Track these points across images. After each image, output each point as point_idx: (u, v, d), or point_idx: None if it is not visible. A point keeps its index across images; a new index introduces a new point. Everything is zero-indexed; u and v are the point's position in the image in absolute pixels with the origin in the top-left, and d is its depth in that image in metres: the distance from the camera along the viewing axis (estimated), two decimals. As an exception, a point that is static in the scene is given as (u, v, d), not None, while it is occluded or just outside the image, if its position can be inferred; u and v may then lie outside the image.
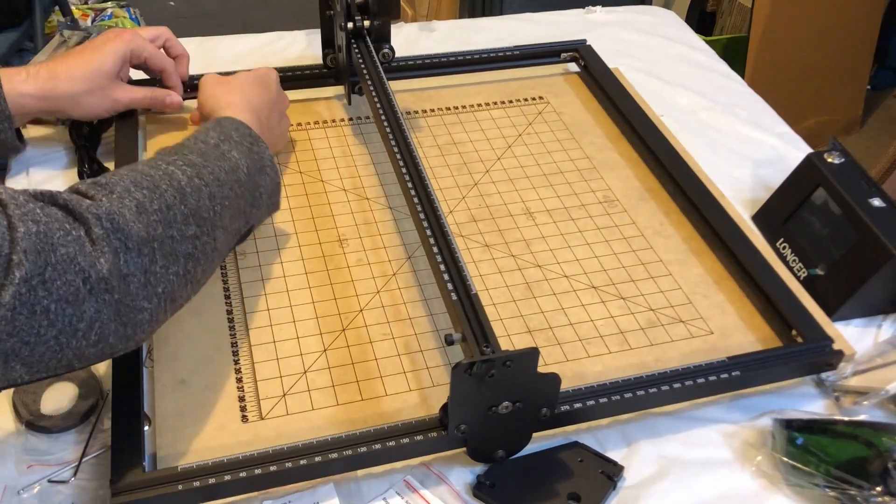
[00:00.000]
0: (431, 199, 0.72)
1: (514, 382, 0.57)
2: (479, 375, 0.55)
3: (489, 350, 0.58)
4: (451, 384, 0.55)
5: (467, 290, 0.63)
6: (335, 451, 0.58)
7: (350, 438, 0.59)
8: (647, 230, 0.83)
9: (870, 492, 0.59)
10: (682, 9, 2.39)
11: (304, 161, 0.89)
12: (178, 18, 2.80)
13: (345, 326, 0.72)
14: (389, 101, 0.83)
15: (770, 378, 0.69)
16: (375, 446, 0.59)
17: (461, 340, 0.60)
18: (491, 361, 0.55)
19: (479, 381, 0.56)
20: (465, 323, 0.61)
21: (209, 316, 0.71)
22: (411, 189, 0.73)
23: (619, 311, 0.75)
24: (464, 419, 0.58)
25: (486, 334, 0.60)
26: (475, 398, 0.57)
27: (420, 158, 0.76)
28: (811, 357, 0.69)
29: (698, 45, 1.21)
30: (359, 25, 0.91)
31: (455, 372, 0.54)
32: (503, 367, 0.55)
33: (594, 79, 1.02)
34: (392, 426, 0.60)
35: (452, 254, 0.66)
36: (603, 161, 0.92)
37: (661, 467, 0.63)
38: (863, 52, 2.24)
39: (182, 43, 0.92)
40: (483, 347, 0.58)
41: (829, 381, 0.70)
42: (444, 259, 0.66)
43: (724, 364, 0.67)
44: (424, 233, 0.69)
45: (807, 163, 0.82)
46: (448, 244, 0.67)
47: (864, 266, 0.74)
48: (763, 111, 1.07)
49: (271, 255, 0.78)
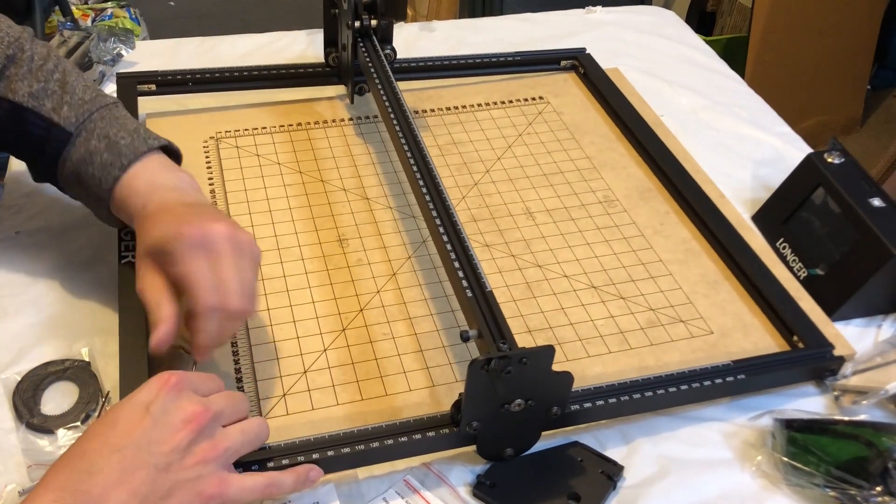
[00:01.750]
0: (443, 196, 0.72)
1: (528, 380, 0.57)
2: (496, 372, 0.55)
3: (506, 347, 0.58)
4: (467, 380, 0.55)
5: (482, 286, 0.63)
6: (345, 446, 0.58)
7: (361, 433, 0.59)
8: (647, 230, 0.83)
9: (870, 492, 0.59)
10: (682, 9, 2.39)
11: (304, 161, 0.89)
12: (178, 18, 2.80)
13: (345, 326, 0.72)
14: (398, 100, 0.84)
15: (773, 382, 0.69)
16: (387, 441, 0.58)
17: (477, 337, 0.60)
18: (507, 358, 0.55)
19: (494, 378, 0.55)
20: (481, 319, 0.60)
21: (209, 316, 0.71)
22: (423, 187, 0.73)
23: (619, 310, 0.75)
24: (476, 416, 0.58)
25: (502, 331, 0.59)
26: (489, 395, 0.57)
27: (430, 157, 0.76)
28: (812, 363, 0.69)
29: (698, 45, 1.21)
30: (366, 24, 0.91)
31: (472, 368, 0.54)
32: (519, 364, 0.55)
33: (595, 88, 1.03)
34: (404, 422, 0.60)
35: (466, 251, 0.66)
36: (603, 161, 0.92)
37: (661, 467, 0.63)
38: (863, 52, 2.24)
39: (182, 45, 0.92)
40: (500, 344, 0.58)
41: (829, 381, 0.70)
42: (458, 256, 0.66)
43: (728, 368, 0.67)
44: (437, 231, 0.69)
45: (807, 163, 0.82)
46: (461, 241, 0.67)
47: (864, 266, 0.74)
48: (763, 111, 1.07)
49: (271, 255, 0.78)
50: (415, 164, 0.76)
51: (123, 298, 0.68)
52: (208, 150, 0.90)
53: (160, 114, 0.94)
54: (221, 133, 0.92)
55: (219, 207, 0.82)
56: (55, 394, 0.65)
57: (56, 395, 0.65)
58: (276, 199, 0.84)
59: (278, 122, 0.95)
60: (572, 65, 1.07)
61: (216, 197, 0.84)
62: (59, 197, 0.85)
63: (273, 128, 0.94)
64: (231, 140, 0.91)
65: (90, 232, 0.79)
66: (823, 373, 0.70)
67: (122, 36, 1.06)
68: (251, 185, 0.86)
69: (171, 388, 0.51)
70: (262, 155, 0.90)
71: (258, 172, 0.87)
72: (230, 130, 0.93)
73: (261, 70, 0.96)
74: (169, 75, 0.94)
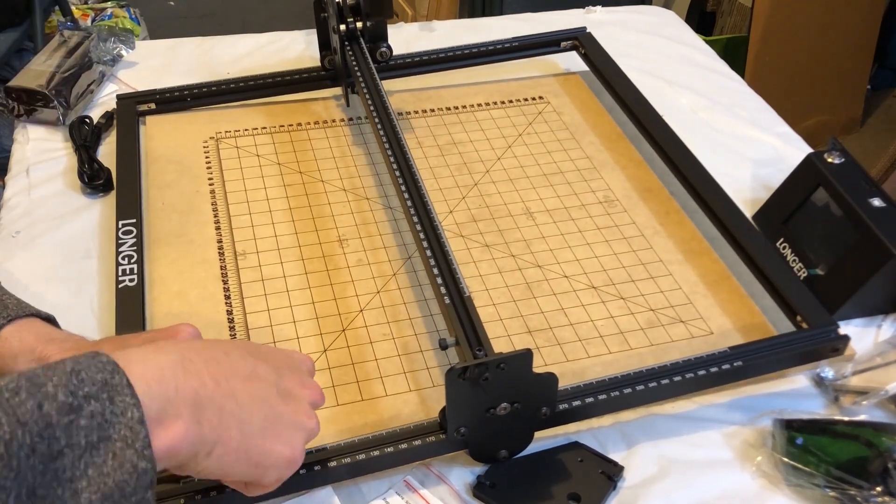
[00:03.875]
0: (425, 200, 0.72)
1: (511, 384, 0.57)
2: (473, 379, 0.55)
3: (482, 353, 0.58)
4: (447, 388, 0.56)
5: (460, 293, 0.63)
6: (334, 459, 0.58)
7: (349, 446, 0.59)
8: (647, 230, 0.83)
9: (870, 492, 0.59)
10: (682, 9, 2.39)
11: (304, 161, 0.89)
12: (178, 18, 2.80)
13: (345, 327, 0.72)
14: (383, 102, 0.83)
15: (773, 366, 0.68)
16: (374, 453, 0.58)
17: (455, 344, 0.60)
18: (484, 365, 0.55)
19: (473, 384, 0.56)
20: (459, 326, 0.61)
21: (209, 316, 0.71)
22: (405, 192, 0.73)
23: (619, 311, 0.75)
24: (463, 422, 0.58)
25: (478, 338, 0.60)
26: (472, 401, 0.57)
27: (413, 160, 0.76)
28: (817, 342, 0.68)
29: (698, 45, 1.21)
30: (352, 27, 0.91)
31: (449, 377, 0.55)
32: (497, 369, 0.55)
33: (595, 67, 1.01)
34: (391, 432, 0.60)
35: (446, 256, 0.66)
36: (603, 161, 0.92)
37: (661, 467, 0.63)
38: (863, 52, 2.24)
39: (181, 45, 0.92)
40: (476, 351, 0.58)
41: (829, 381, 0.70)
42: (437, 262, 0.66)
43: (725, 354, 0.66)
44: (418, 235, 0.69)
45: (807, 163, 0.82)
46: (441, 247, 0.67)
47: (864, 266, 0.74)
48: (763, 111, 1.07)
49: (271, 255, 0.78)
50: (398, 169, 0.76)
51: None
52: (208, 150, 0.90)
53: (160, 114, 0.94)
54: (221, 133, 0.92)
55: (219, 207, 0.83)
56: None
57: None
58: (275, 199, 0.84)
59: (278, 122, 0.95)
60: (573, 45, 1.07)
61: (216, 197, 0.84)
62: (59, 197, 0.85)
63: (273, 128, 0.94)
64: (231, 140, 0.92)
65: (90, 232, 0.79)
66: (828, 353, 0.68)
67: (122, 36, 1.06)
68: (251, 185, 0.86)
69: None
70: (261, 155, 0.90)
71: (258, 172, 0.87)
72: (230, 130, 0.93)
73: (257, 80, 0.96)
74: (167, 92, 0.95)
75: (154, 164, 0.88)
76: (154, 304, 0.72)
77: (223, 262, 0.77)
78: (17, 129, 0.94)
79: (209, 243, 0.79)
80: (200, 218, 0.81)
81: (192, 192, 0.84)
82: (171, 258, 0.77)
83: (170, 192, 0.84)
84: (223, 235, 0.80)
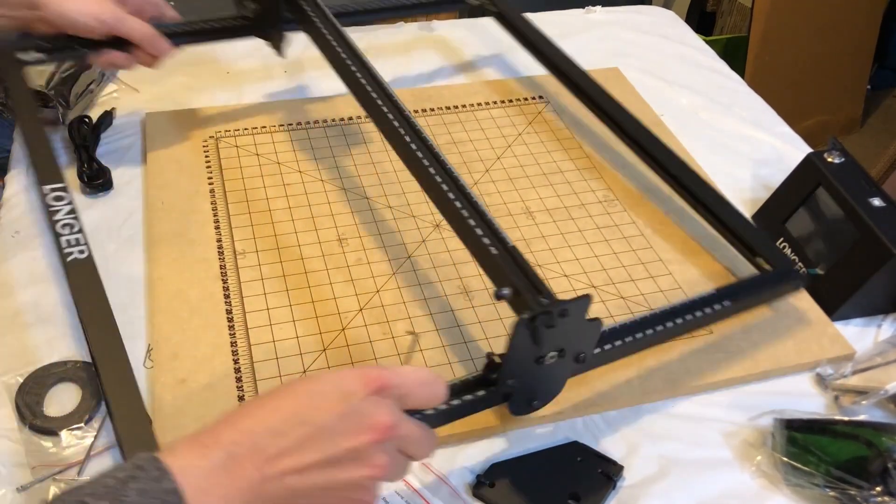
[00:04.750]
0: (441, 160, 0.70)
1: (564, 332, 0.56)
2: (543, 326, 0.54)
3: (546, 301, 0.57)
4: (512, 338, 0.54)
5: (504, 243, 0.62)
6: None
7: None
8: (647, 230, 0.83)
9: (870, 492, 0.59)
10: (682, 9, 2.39)
11: (304, 160, 0.89)
12: (178, 18, 2.80)
13: (344, 326, 0.72)
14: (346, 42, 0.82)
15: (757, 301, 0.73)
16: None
17: (513, 294, 0.58)
18: (550, 313, 0.54)
19: (535, 333, 0.54)
20: (518, 275, 0.59)
21: (209, 316, 0.71)
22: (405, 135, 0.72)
23: (618, 310, 0.75)
24: (514, 373, 0.57)
25: (538, 286, 0.58)
26: (529, 351, 0.56)
27: (408, 110, 0.76)
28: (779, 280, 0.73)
29: (698, 45, 1.21)
30: None
31: (518, 326, 0.53)
32: (560, 317, 0.54)
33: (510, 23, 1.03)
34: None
35: (476, 208, 0.65)
36: (603, 161, 0.92)
37: (661, 467, 0.63)
38: (863, 52, 2.24)
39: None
40: (541, 298, 0.57)
41: (829, 380, 0.70)
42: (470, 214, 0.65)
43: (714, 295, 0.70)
44: (446, 196, 0.67)
45: (807, 163, 0.82)
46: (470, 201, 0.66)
47: (864, 266, 0.74)
48: (763, 111, 1.07)
49: (271, 255, 0.78)
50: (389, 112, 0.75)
51: None
52: (208, 149, 0.90)
53: (160, 113, 0.94)
54: (221, 132, 0.92)
55: (218, 206, 0.83)
56: (58, 395, 0.65)
57: (59, 396, 0.65)
58: (275, 199, 0.84)
59: (278, 121, 0.95)
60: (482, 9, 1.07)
61: (215, 196, 0.84)
62: (59, 197, 0.85)
63: (273, 127, 0.94)
64: (231, 140, 0.91)
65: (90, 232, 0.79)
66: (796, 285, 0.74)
67: (122, 36, 1.05)
68: (251, 184, 0.86)
69: (377, 390, 0.48)
70: (261, 154, 0.90)
71: (258, 172, 0.87)
72: (230, 130, 0.93)
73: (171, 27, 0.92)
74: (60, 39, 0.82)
75: (153, 163, 0.88)
76: (154, 304, 0.72)
77: (223, 261, 0.77)
78: (17, 129, 0.94)
79: (209, 242, 0.79)
80: (200, 217, 0.81)
81: (191, 191, 0.84)
82: (170, 257, 0.77)
83: (169, 192, 0.84)
84: (223, 235, 0.80)
